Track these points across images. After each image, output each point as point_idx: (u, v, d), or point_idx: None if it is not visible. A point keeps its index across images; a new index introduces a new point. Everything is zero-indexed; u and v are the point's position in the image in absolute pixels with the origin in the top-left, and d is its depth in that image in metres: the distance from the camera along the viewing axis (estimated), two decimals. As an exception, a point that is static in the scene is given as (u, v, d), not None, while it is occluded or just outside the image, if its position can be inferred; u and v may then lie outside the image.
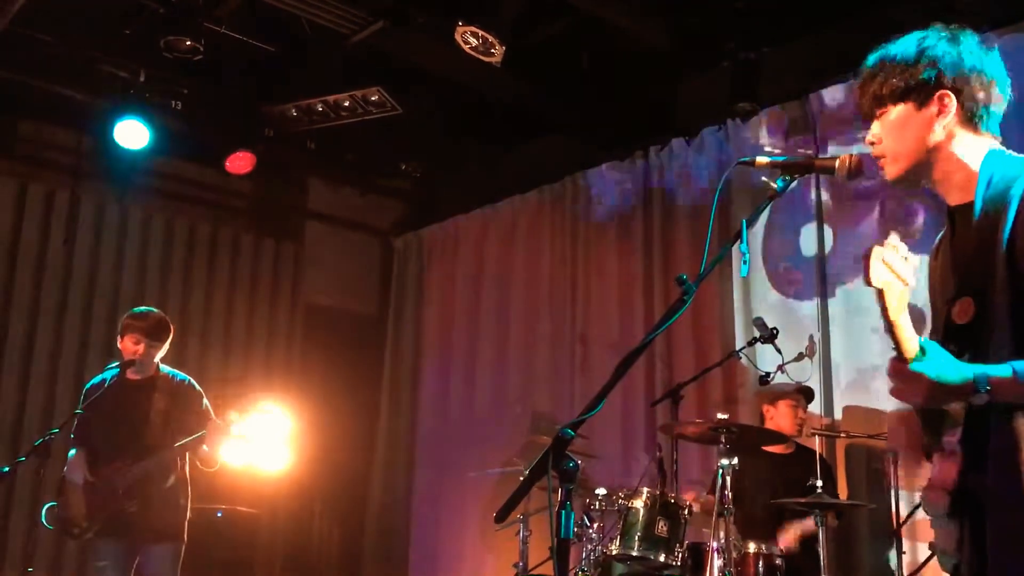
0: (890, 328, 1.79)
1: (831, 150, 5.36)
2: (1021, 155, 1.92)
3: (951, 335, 1.87)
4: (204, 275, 7.26)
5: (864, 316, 5.09)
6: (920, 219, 4.95)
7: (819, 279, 5.35)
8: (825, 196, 5.38)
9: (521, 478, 5.19)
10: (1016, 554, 1.71)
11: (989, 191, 1.86)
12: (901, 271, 1.77)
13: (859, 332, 5.11)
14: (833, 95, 5.38)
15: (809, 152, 5.34)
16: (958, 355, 1.82)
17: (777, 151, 5.53)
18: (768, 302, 5.52)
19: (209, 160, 6.87)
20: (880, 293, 1.75)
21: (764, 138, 5.67)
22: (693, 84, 6.11)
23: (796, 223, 5.52)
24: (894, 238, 1.80)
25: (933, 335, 1.94)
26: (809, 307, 5.39)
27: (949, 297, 1.91)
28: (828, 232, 5.37)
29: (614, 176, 6.50)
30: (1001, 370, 1.73)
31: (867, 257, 1.73)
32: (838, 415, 5.13)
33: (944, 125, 1.91)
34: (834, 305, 5.28)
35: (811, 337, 5.30)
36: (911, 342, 1.78)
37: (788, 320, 5.32)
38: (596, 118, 6.50)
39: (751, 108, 5.55)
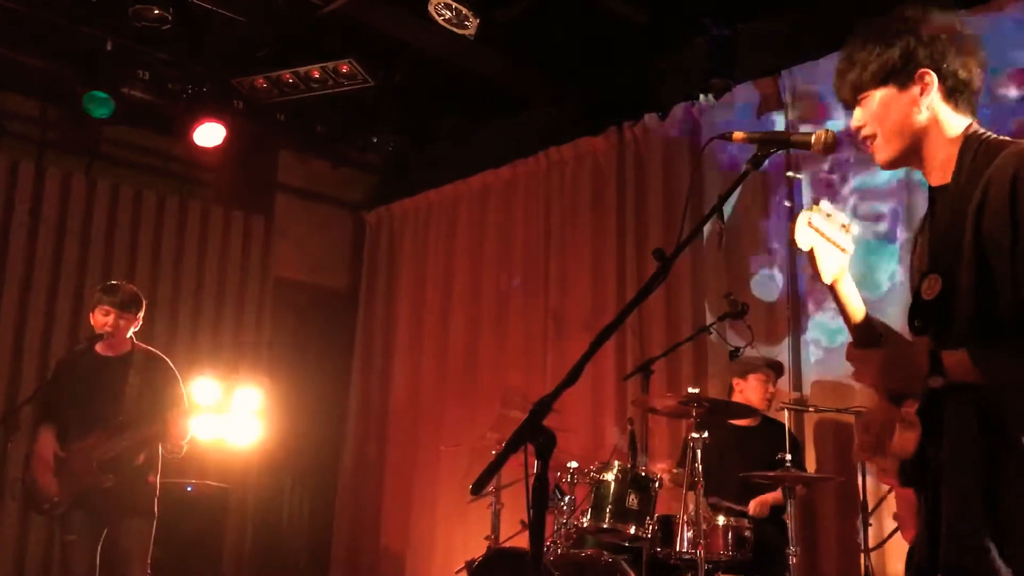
0: (834, 297, 1.91)
1: (803, 127, 5.39)
2: (998, 136, 1.92)
3: (918, 310, 1.91)
4: (173, 248, 7.15)
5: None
6: (887, 220, 5.01)
7: (789, 253, 5.40)
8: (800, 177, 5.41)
9: (494, 452, 5.26)
10: (966, 528, 1.75)
11: (965, 172, 1.87)
12: (831, 234, 1.84)
13: (829, 307, 5.16)
14: (806, 73, 5.40)
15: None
16: (922, 330, 1.89)
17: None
18: (739, 277, 5.56)
19: (178, 131, 6.76)
20: (811, 256, 1.84)
21: (736, 115, 5.69)
22: (667, 60, 6.11)
23: (768, 201, 5.56)
24: (825, 204, 1.86)
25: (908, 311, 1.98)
26: (780, 283, 5.43)
27: (922, 273, 1.94)
28: (799, 198, 5.41)
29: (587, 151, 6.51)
30: (955, 354, 1.78)
31: (795, 221, 1.82)
32: (807, 390, 5.19)
33: (928, 104, 1.92)
34: (804, 281, 5.32)
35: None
36: (852, 304, 1.90)
37: (759, 295, 5.37)
38: (570, 93, 6.48)
39: (724, 84, 5.56)
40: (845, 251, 1.88)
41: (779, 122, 5.50)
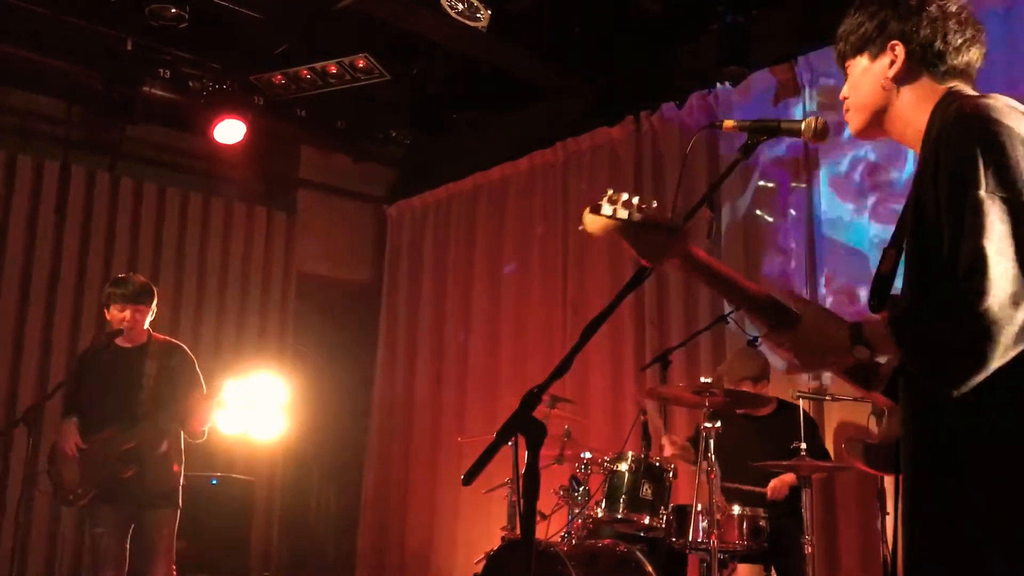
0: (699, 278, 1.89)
1: (821, 113, 5.33)
2: (971, 96, 1.79)
3: (875, 286, 1.89)
4: (196, 244, 7.24)
5: (853, 280, 5.11)
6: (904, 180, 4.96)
7: (808, 243, 5.35)
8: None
9: (511, 443, 5.25)
10: (916, 521, 1.70)
11: (926, 139, 1.80)
12: (619, 213, 1.82)
13: (848, 297, 5.11)
14: (823, 58, 5.34)
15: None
16: (879, 307, 1.86)
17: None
18: (757, 266, 5.53)
19: (199, 129, 6.85)
20: (624, 242, 1.84)
21: (753, 102, 5.64)
22: (682, 48, 6.07)
23: (786, 189, 5.52)
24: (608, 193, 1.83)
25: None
26: (798, 271, 5.39)
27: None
28: (817, 197, 5.37)
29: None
30: (876, 323, 1.73)
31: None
32: (826, 378, 5.15)
33: (894, 76, 1.88)
34: (823, 267, 5.28)
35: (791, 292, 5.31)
36: (728, 284, 1.86)
37: (777, 283, 5.34)
38: (586, 83, 6.47)
39: (740, 72, 5.52)
40: (635, 218, 1.81)
41: (796, 109, 5.45)
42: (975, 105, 1.70)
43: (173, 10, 5.53)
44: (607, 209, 1.81)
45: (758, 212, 5.64)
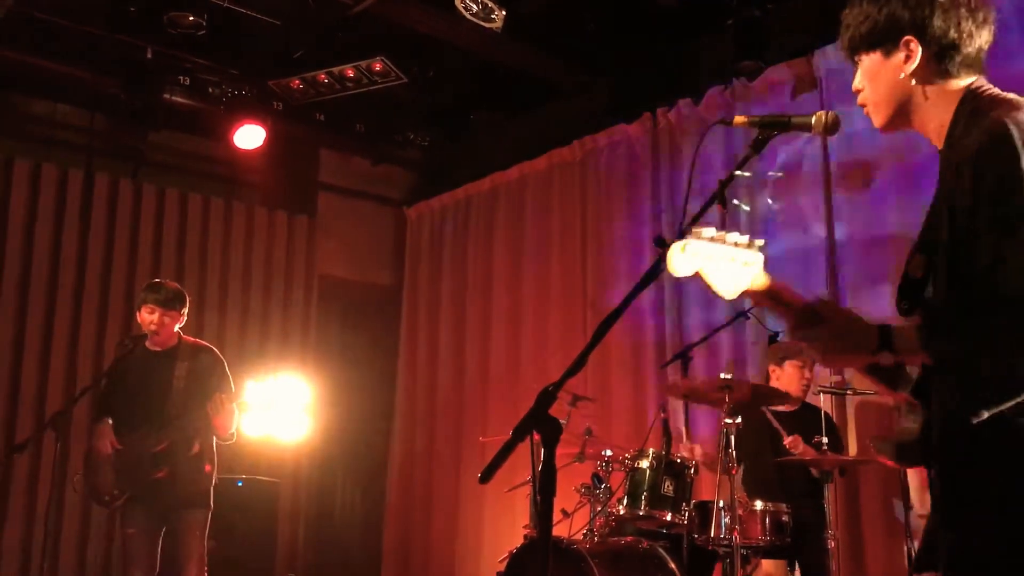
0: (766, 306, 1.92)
1: (837, 107, 5.31)
2: (995, 95, 1.83)
3: (905, 290, 1.86)
4: (219, 249, 7.31)
5: (872, 273, 5.08)
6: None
7: (828, 237, 5.33)
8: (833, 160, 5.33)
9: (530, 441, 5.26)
10: (958, 511, 1.71)
11: (953, 141, 1.82)
12: (722, 253, 1.84)
13: (868, 290, 5.09)
14: (839, 52, 5.31)
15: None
16: (909, 311, 1.84)
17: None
18: (777, 261, 5.51)
19: (220, 135, 6.92)
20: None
21: (771, 97, 5.63)
22: (699, 43, 6.06)
23: (806, 183, 5.50)
24: (706, 230, 1.87)
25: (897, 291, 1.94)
26: (818, 265, 5.37)
27: (911, 251, 1.89)
28: (835, 189, 5.35)
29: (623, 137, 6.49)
30: (907, 329, 1.73)
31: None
32: (848, 371, 5.12)
33: (912, 72, 1.87)
34: (843, 262, 5.26)
35: (820, 295, 5.29)
36: (782, 308, 1.87)
37: (797, 278, 5.32)
38: (602, 80, 6.47)
39: (756, 67, 5.51)
40: (748, 263, 1.85)
41: (814, 102, 5.42)
42: (1006, 124, 1.70)
43: (191, 18, 5.58)
44: (714, 250, 1.87)
45: (776, 206, 5.61)
